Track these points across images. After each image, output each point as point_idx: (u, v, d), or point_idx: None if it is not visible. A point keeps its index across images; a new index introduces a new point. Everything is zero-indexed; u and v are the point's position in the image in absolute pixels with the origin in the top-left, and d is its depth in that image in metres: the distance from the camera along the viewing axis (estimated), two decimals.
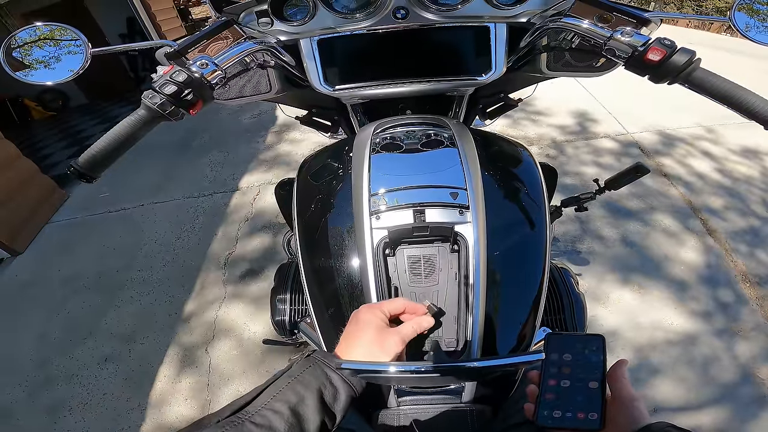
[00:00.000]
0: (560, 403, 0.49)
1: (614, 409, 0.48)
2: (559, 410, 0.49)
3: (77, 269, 2.58)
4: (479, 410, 0.65)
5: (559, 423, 0.48)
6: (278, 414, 0.43)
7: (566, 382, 0.51)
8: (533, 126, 3.47)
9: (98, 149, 0.55)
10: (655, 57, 0.59)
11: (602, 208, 2.42)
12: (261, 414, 0.43)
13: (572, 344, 0.53)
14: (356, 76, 0.86)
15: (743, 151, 2.93)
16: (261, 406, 0.44)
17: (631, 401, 0.48)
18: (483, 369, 0.49)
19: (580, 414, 0.48)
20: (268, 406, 0.44)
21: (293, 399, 0.45)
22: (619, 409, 0.48)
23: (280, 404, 0.44)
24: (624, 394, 0.48)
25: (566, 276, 0.93)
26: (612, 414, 0.48)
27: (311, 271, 0.72)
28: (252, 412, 0.44)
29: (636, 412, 0.47)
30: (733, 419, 1.48)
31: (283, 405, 0.44)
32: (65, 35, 0.69)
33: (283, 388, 0.46)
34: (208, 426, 0.42)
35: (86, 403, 1.79)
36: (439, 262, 0.63)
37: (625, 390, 0.49)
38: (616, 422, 0.47)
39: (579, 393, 0.50)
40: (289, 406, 0.44)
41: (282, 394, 0.46)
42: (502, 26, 0.81)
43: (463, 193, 0.63)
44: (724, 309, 1.84)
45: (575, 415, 0.48)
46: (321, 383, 0.48)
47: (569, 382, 0.50)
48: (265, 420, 0.43)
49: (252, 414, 0.43)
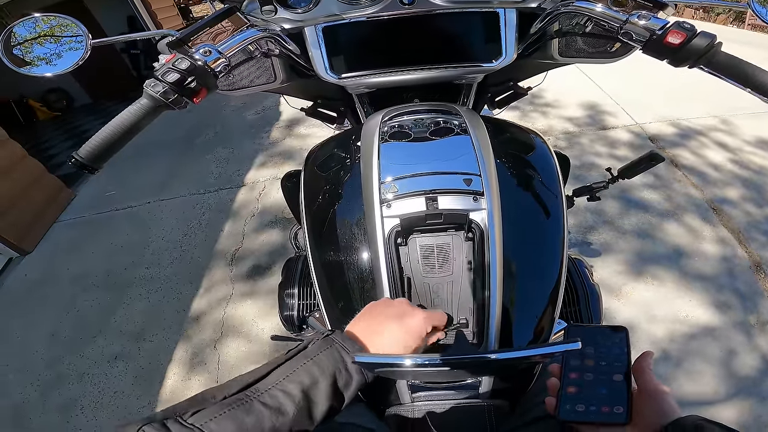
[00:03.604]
0: (583, 396, 0.48)
1: (641, 403, 0.46)
2: (582, 404, 0.47)
3: (86, 268, 2.59)
4: (496, 405, 0.63)
5: (583, 417, 0.47)
6: (289, 396, 0.41)
7: (589, 375, 0.49)
8: (543, 118, 3.43)
9: (100, 140, 0.54)
10: (675, 40, 0.57)
11: (614, 198, 2.38)
12: (271, 394, 0.41)
13: (594, 336, 0.51)
14: (362, 64, 0.84)
15: (757, 141, 2.87)
16: (272, 385, 0.42)
17: (659, 394, 0.46)
18: (507, 361, 0.47)
19: (605, 408, 0.46)
20: (280, 386, 0.42)
21: (307, 381, 0.43)
22: (646, 402, 0.46)
23: (293, 385, 0.42)
24: (651, 386, 0.46)
25: (581, 267, 0.91)
26: (639, 407, 0.46)
27: (320, 263, 0.71)
28: (262, 390, 0.41)
29: (665, 405, 0.45)
30: (752, 412, 1.45)
31: (295, 387, 0.42)
32: (64, 26, 0.68)
33: (298, 368, 0.44)
34: (214, 402, 0.39)
35: (97, 402, 1.79)
36: (453, 251, 0.61)
37: (651, 383, 0.47)
38: (644, 416, 0.45)
39: (603, 386, 0.48)
40: (302, 388, 0.42)
41: (296, 375, 0.43)
42: (512, 11, 0.78)
43: (477, 179, 0.61)
44: (739, 300, 1.80)
45: (599, 409, 0.46)
46: (336, 368, 0.45)
47: (592, 375, 0.49)
48: (275, 401, 0.40)
49: (262, 393, 0.41)
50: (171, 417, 0.36)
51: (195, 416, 0.37)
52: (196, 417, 0.37)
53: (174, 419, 0.36)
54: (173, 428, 0.35)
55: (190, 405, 0.39)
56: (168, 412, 0.37)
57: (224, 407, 0.38)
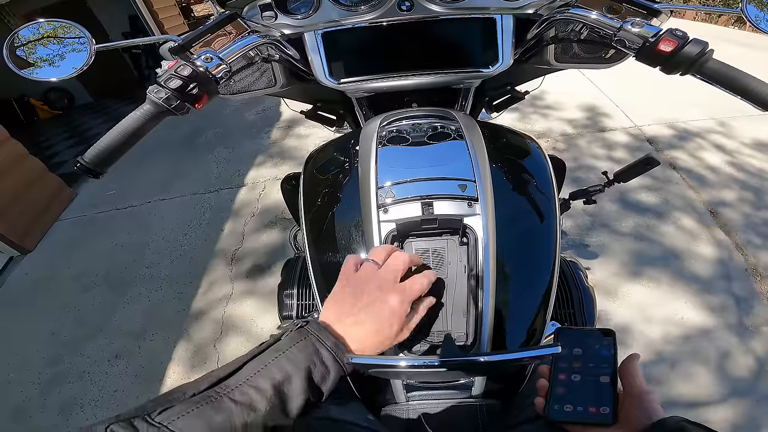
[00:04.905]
0: (571, 397, 0.49)
1: (627, 404, 0.47)
2: (570, 404, 0.49)
3: (86, 267, 2.60)
4: (489, 405, 0.65)
5: (571, 417, 0.48)
6: (260, 392, 0.40)
7: (577, 376, 0.50)
8: (543, 120, 3.44)
9: (104, 145, 0.55)
10: (666, 48, 0.58)
11: (611, 201, 2.39)
12: (241, 390, 0.39)
13: (582, 339, 0.53)
14: (361, 69, 0.86)
15: (754, 144, 2.88)
16: (243, 381, 0.40)
17: (643, 395, 0.47)
18: (495, 363, 0.49)
19: (592, 408, 0.48)
20: (251, 381, 0.40)
21: (278, 376, 0.41)
22: (631, 403, 0.47)
23: (263, 381, 0.40)
24: (636, 388, 0.48)
25: (575, 269, 0.92)
26: (625, 408, 0.47)
27: (319, 265, 0.72)
28: (232, 386, 0.40)
29: (649, 406, 0.46)
30: (747, 415, 1.46)
31: (266, 382, 0.40)
32: (69, 31, 0.69)
33: (269, 363, 0.42)
34: (182, 400, 0.38)
35: (97, 400, 1.81)
36: (448, 256, 0.62)
37: (636, 384, 0.48)
38: (629, 417, 0.46)
39: (590, 387, 0.49)
40: (273, 383, 0.40)
41: (267, 370, 0.41)
42: (509, 17, 0.80)
43: (472, 185, 0.62)
44: (735, 303, 1.82)
45: (587, 410, 0.48)
46: (311, 361, 0.43)
47: (580, 376, 0.50)
48: (246, 398, 0.39)
49: (232, 389, 0.39)
50: (139, 415, 0.36)
51: (162, 414, 0.36)
52: (164, 415, 0.36)
53: (141, 417, 0.35)
54: (140, 427, 0.34)
55: (158, 403, 0.38)
56: (137, 410, 0.36)
57: (192, 405, 0.37)
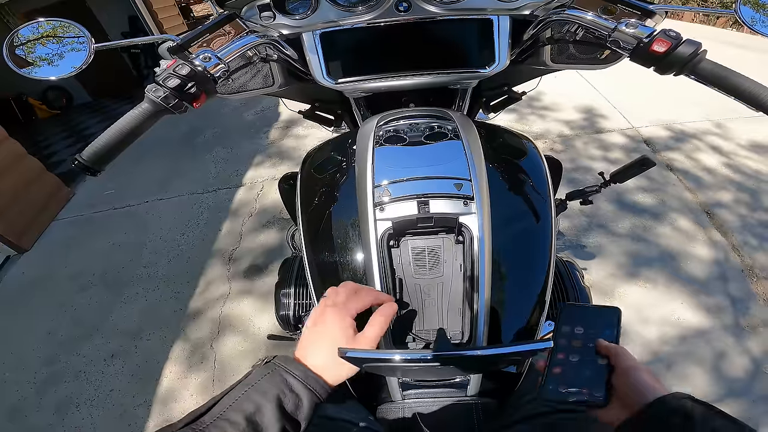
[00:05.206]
0: (567, 378, 0.48)
1: (617, 381, 0.46)
2: (565, 385, 0.48)
3: (83, 266, 2.60)
4: (484, 404, 0.65)
5: (565, 397, 0.48)
6: (234, 425, 0.42)
7: (575, 356, 0.49)
8: (540, 121, 3.45)
9: (102, 143, 0.55)
10: (660, 48, 0.58)
11: (608, 201, 2.40)
12: (216, 425, 0.42)
13: (586, 317, 0.52)
14: (359, 70, 0.86)
15: (751, 145, 2.90)
16: (217, 416, 0.43)
17: (630, 371, 0.45)
18: (489, 358, 0.49)
19: (585, 389, 0.47)
20: (224, 416, 0.43)
21: (249, 408, 0.43)
22: (621, 380, 0.46)
23: (234, 414, 0.43)
24: (624, 364, 0.46)
25: (572, 269, 0.93)
26: (616, 386, 0.46)
27: (315, 264, 0.72)
28: (207, 422, 0.42)
29: (641, 382, 0.44)
30: (742, 416, 1.47)
31: (239, 415, 0.43)
32: (68, 30, 0.69)
33: (239, 397, 0.45)
34: None
35: (93, 400, 1.80)
36: (444, 254, 0.63)
37: (625, 360, 0.47)
38: (620, 394, 0.45)
39: (587, 368, 0.48)
40: (244, 415, 0.43)
41: (237, 404, 0.44)
42: (506, 18, 0.80)
43: (468, 184, 0.63)
44: (732, 304, 1.83)
45: (581, 391, 0.47)
46: (280, 390, 0.45)
47: (578, 357, 0.49)
48: (220, 431, 0.41)
49: (207, 425, 0.42)
50: None
51: None
52: None
53: None
54: None
55: None
56: None
57: None
